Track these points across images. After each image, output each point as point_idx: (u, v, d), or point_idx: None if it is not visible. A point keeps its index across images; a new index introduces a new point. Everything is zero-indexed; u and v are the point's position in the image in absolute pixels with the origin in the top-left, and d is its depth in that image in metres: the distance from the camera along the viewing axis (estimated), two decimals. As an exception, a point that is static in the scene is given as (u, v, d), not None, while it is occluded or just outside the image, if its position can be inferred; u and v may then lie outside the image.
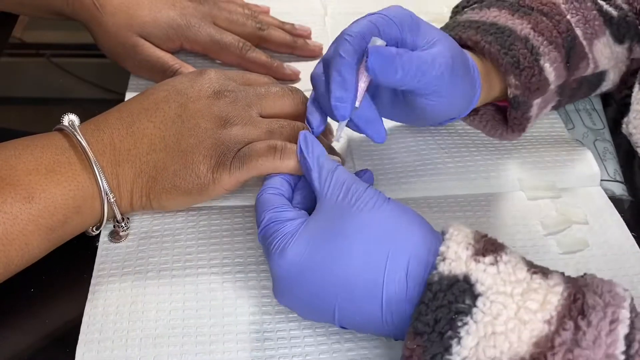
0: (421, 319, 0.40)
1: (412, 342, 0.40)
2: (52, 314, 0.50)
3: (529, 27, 0.60)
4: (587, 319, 0.38)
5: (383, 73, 0.48)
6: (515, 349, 0.39)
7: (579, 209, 0.59)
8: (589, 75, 0.65)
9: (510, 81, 0.59)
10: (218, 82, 0.55)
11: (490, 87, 0.60)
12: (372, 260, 0.43)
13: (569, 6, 0.63)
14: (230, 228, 0.56)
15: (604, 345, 0.38)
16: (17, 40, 0.81)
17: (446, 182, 0.61)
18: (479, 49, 0.59)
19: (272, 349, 0.47)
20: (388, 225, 0.44)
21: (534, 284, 0.41)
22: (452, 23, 0.62)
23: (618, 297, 0.40)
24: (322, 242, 0.44)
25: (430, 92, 0.52)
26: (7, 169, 0.48)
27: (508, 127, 0.62)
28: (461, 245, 0.42)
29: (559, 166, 0.63)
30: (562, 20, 0.61)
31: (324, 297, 0.43)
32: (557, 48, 0.60)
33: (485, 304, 0.40)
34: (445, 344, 0.40)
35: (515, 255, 0.43)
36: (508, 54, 0.58)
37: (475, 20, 0.61)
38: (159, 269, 0.52)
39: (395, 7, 0.53)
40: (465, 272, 0.41)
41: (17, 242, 0.47)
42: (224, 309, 0.50)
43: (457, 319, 0.40)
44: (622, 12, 0.64)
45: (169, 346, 0.47)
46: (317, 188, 0.47)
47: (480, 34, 0.59)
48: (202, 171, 0.51)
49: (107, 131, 0.52)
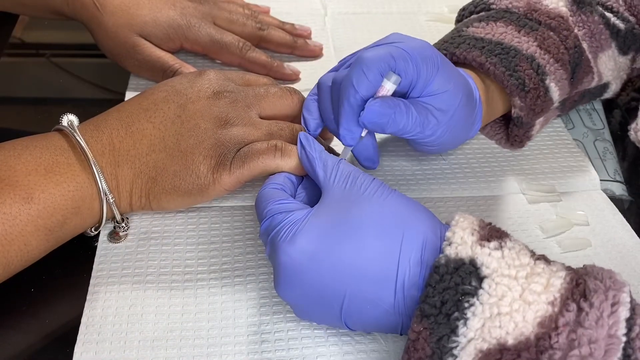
0: (428, 301, 0.41)
1: (418, 325, 0.41)
2: (52, 314, 0.50)
3: (535, 45, 0.60)
4: (589, 300, 0.39)
5: (375, 129, 0.51)
6: (520, 329, 0.39)
7: (580, 212, 0.59)
8: (592, 88, 0.65)
9: (515, 102, 0.59)
10: (217, 82, 0.55)
11: (493, 109, 0.61)
12: (386, 244, 0.43)
13: (576, 19, 0.62)
14: (230, 230, 0.56)
15: (606, 326, 0.38)
16: (17, 40, 0.81)
17: (446, 184, 0.61)
18: (484, 70, 0.59)
19: (270, 351, 0.47)
20: (399, 210, 0.44)
21: (538, 269, 0.42)
22: (458, 38, 0.61)
23: (618, 282, 0.40)
24: (333, 229, 0.44)
25: (429, 140, 0.54)
26: (6, 170, 0.48)
27: (508, 142, 0.64)
28: (467, 231, 0.43)
29: (560, 170, 0.63)
30: (570, 36, 0.61)
31: (333, 285, 0.43)
32: (563, 66, 0.60)
33: (490, 285, 0.40)
34: (452, 325, 0.40)
35: (519, 242, 0.44)
36: (513, 76, 0.58)
37: (481, 38, 0.60)
38: (158, 272, 0.52)
39: (420, 42, 0.53)
40: (471, 256, 0.42)
41: (17, 242, 0.47)
42: (222, 312, 0.50)
43: (463, 300, 0.40)
44: (630, 24, 0.64)
45: (167, 349, 0.47)
46: (322, 179, 0.47)
47: (485, 55, 0.59)
48: (202, 172, 0.51)
49: (107, 131, 0.52)
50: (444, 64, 0.53)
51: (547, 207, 0.59)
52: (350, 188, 0.46)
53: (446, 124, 0.53)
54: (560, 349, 0.38)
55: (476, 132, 0.59)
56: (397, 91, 0.51)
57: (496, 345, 0.39)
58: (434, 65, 0.52)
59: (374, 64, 0.50)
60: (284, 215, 0.45)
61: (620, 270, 0.53)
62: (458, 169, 0.63)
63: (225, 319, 0.49)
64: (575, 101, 0.66)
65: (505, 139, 0.64)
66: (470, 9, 0.67)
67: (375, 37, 0.78)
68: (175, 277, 0.52)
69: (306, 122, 0.54)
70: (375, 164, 0.56)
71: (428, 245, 0.43)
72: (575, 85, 0.62)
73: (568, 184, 0.62)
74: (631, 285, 0.42)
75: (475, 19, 0.64)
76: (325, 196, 0.46)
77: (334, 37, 0.79)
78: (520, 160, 0.64)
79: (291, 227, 0.44)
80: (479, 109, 0.57)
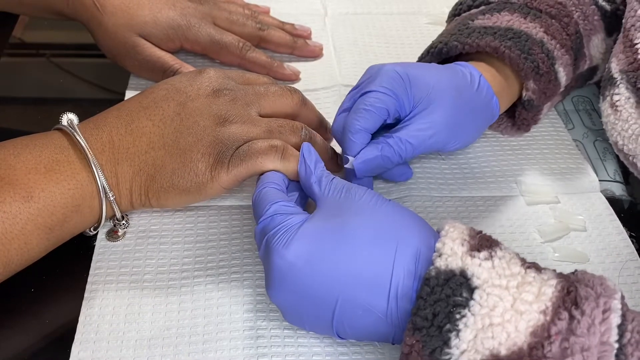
0: (420, 314, 0.41)
1: (411, 337, 0.41)
2: (52, 314, 0.50)
3: (542, 31, 0.60)
4: (580, 308, 0.39)
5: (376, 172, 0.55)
6: (512, 339, 0.39)
7: (578, 216, 0.59)
8: (584, 71, 0.65)
9: (529, 85, 0.59)
10: (217, 80, 0.55)
11: (510, 95, 0.61)
12: (380, 250, 0.43)
13: (573, 1, 0.63)
14: (227, 229, 0.56)
15: (598, 333, 0.38)
16: (17, 40, 0.81)
17: (445, 184, 0.61)
18: (499, 54, 0.59)
19: (265, 347, 0.47)
20: (393, 219, 0.45)
21: (529, 278, 0.41)
22: (466, 30, 0.62)
23: (609, 289, 0.40)
24: (328, 234, 0.44)
25: (440, 147, 0.56)
26: (6, 168, 0.48)
27: (514, 126, 0.64)
28: (456, 242, 0.43)
29: (559, 172, 0.63)
30: (571, 22, 0.62)
31: (327, 289, 0.43)
32: (567, 52, 0.61)
33: (482, 296, 0.40)
34: (444, 337, 0.40)
35: (509, 251, 0.43)
36: (528, 59, 0.58)
37: (490, 26, 0.61)
38: (156, 271, 0.52)
39: (384, 75, 0.55)
40: (461, 267, 0.41)
41: (17, 241, 0.47)
42: (219, 308, 0.50)
43: (455, 311, 0.40)
44: (614, 5, 0.65)
45: (163, 347, 0.47)
46: (317, 192, 0.48)
47: (498, 40, 0.59)
48: (200, 169, 0.51)
49: (106, 130, 0.52)
50: (416, 79, 0.55)
51: (546, 210, 0.59)
52: (345, 198, 0.46)
53: (445, 126, 0.54)
54: (553, 357, 0.38)
55: (496, 113, 0.59)
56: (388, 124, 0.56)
57: (489, 357, 0.39)
58: (405, 85, 0.55)
59: (370, 116, 0.54)
60: (283, 218, 0.45)
61: (611, 279, 0.53)
62: (457, 169, 0.63)
63: (222, 314, 0.49)
64: (572, 86, 0.66)
65: (511, 125, 0.64)
66: (469, 2, 0.67)
67: (375, 38, 0.79)
68: (172, 276, 0.52)
69: (349, 146, 0.55)
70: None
71: (422, 257, 0.43)
72: (575, 71, 0.63)
73: (567, 186, 0.62)
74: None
75: (478, 13, 0.64)
76: (320, 206, 0.47)
77: (334, 37, 0.79)
78: (520, 161, 0.64)
79: (288, 230, 0.44)
80: (487, 92, 0.58)
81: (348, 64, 0.75)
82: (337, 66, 0.75)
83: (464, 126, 0.57)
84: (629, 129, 0.57)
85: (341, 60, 0.76)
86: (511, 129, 0.65)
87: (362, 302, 0.43)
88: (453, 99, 0.55)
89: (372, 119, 0.54)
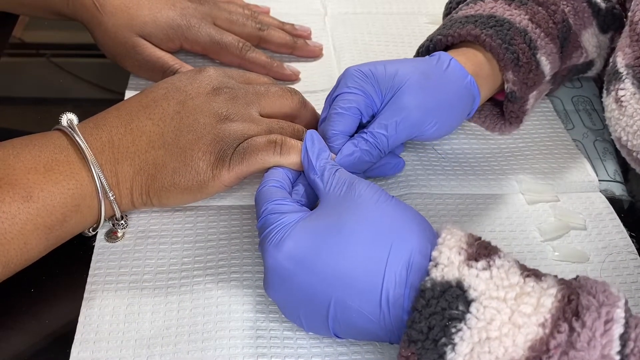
0: (415, 327, 0.40)
1: (406, 350, 0.40)
2: (52, 314, 0.50)
3: (527, 19, 0.60)
4: (581, 319, 0.38)
5: (355, 166, 0.54)
6: (510, 354, 0.38)
7: (578, 215, 0.59)
8: (579, 64, 0.65)
9: (508, 77, 0.59)
10: (217, 79, 0.55)
11: (495, 79, 0.60)
12: (374, 251, 0.43)
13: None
14: (227, 229, 0.56)
15: (599, 346, 0.37)
16: (17, 40, 0.81)
17: (445, 181, 0.61)
18: (479, 42, 0.59)
19: (265, 347, 0.47)
20: (391, 218, 0.44)
21: (527, 288, 0.40)
22: (448, 22, 0.62)
23: (612, 296, 0.39)
24: (322, 234, 0.43)
25: (411, 135, 0.55)
26: (6, 168, 0.48)
27: (505, 121, 0.63)
28: (453, 250, 0.42)
29: (559, 171, 0.63)
30: (558, 10, 0.62)
31: (320, 290, 0.43)
32: (552, 40, 0.61)
33: (478, 309, 0.39)
34: (440, 351, 0.39)
35: (509, 258, 0.42)
36: (509, 50, 0.58)
37: (472, 15, 0.61)
38: (155, 271, 0.52)
39: (348, 77, 0.56)
40: (458, 278, 0.41)
41: (16, 241, 0.47)
42: (218, 307, 0.50)
43: (450, 325, 0.39)
44: (610, 4, 0.65)
45: (162, 346, 0.47)
46: (319, 185, 0.48)
47: (479, 27, 0.59)
48: (201, 168, 0.51)
49: (106, 129, 0.52)
50: (380, 73, 0.55)
51: (546, 208, 0.59)
52: (346, 194, 0.46)
53: (414, 108, 0.54)
54: None
55: (476, 93, 0.59)
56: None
57: None
58: (373, 79, 0.55)
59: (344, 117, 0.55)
60: (277, 217, 0.45)
61: (611, 280, 0.53)
62: (458, 167, 0.63)
63: (221, 313, 0.49)
64: (564, 76, 0.66)
65: (503, 122, 0.64)
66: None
67: (375, 37, 0.79)
68: (172, 275, 0.52)
69: (332, 139, 0.55)
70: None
71: (414, 265, 0.42)
72: (564, 60, 0.63)
73: (567, 185, 0.62)
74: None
75: (464, 5, 0.65)
76: (321, 202, 0.47)
77: (334, 37, 0.79)
78: (520, 160, 0.64)
79: (280, 230, 0.44)
80: (460, 72, 0.57)
81: (348, 64, 0.74)
82: (337, 66, 0.75)
83: (439, 108, 0.56)
84: (634, 125, 0.57)
85: (341, 60, 0.76)
86: (504, 125, 0.64)
87: (354, 305, 0.43)
88: (418, 81, 0.55)
89: (346, 121, 0.54)
